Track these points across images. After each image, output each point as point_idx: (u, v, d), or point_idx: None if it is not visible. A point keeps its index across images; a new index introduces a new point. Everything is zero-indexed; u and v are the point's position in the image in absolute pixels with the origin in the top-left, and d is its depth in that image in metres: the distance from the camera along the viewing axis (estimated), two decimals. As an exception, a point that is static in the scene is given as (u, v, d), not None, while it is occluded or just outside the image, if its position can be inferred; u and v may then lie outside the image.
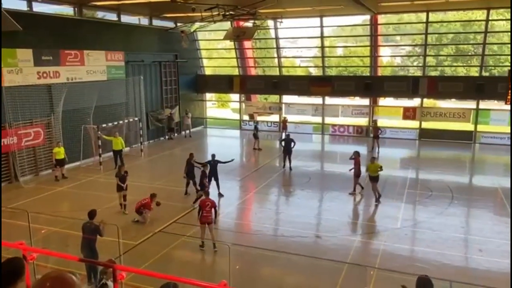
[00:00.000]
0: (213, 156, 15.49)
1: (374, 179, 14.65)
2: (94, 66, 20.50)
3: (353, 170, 15.38)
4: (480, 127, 25.09)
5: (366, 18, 27.05)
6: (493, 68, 28.24)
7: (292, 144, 18.90)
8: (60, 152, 17.19)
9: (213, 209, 10.95)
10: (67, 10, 20.66)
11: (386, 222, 12.91)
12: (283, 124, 26.22)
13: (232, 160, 16.44)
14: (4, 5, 7.60)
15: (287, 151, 18.96)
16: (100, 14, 22.61)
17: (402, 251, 11.19)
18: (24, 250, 4.26)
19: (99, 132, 18.84)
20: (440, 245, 11.20)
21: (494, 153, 22.93)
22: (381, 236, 11.96)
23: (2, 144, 16.22)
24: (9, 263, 3.05)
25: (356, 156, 15.48)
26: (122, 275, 3.80)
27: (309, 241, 11.88)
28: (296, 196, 15.86)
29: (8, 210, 12.91)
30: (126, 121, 21.21)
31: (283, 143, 19.51)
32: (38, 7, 18.26)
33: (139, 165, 19.96)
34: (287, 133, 22.99)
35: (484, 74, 25.64)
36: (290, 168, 18.90)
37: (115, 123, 20.07)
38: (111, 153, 19.64)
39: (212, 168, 15.06)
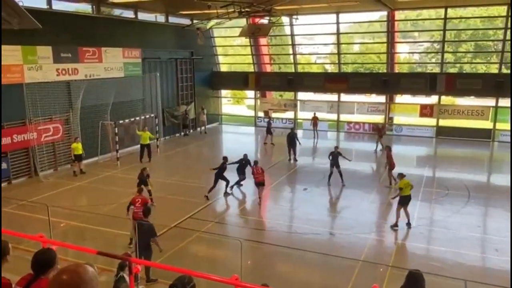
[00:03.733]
0: (225, 158, 15.16)
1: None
2: (112, 63, 20.82)
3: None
4: (499, 125, 24.63)
5: (383, 14, 26.70)
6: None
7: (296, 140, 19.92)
8: (78, 147, 17.51)
9: (144, 206, 10.31)
10: (85, 8, 20.98)
11: (401, 220, 12.80)
12: (314, 121, 25.58)
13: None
14: (24, 3, 7.79)
15: (291, 145, 19.83)
16: (117, 12, 22.90)
17: (417, 249, 11.12)
18: (44, 242, 4.42)
19: (136, 127, 19.80)
20: (456, 244, 11.08)
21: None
22: (396, 234, 11.89)
23: (22, 139, 16.67)
24: (42, 254, 3.20)
25: (388, 150, 16.25)
26: (137, 268, 3.90)
27: (323, 238, 11.89)
28: (310, 193, 15.84)
29: (28, 204, 13.26)
30: (142, 117, 21.47)
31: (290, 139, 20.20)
32: (57, 5, 18.59)
33: (155, 161, 20.17)
34: (291, 127, 23.33)
35: (504, 71, 25.12)
36: (296, 159, 19.70)
37: (132, 119, 20.37)
38: (128, 149, 20.01)
39: (220, 170, 14.88)
